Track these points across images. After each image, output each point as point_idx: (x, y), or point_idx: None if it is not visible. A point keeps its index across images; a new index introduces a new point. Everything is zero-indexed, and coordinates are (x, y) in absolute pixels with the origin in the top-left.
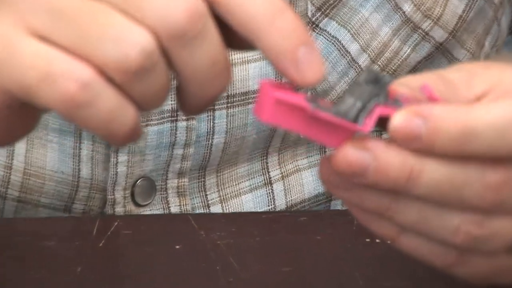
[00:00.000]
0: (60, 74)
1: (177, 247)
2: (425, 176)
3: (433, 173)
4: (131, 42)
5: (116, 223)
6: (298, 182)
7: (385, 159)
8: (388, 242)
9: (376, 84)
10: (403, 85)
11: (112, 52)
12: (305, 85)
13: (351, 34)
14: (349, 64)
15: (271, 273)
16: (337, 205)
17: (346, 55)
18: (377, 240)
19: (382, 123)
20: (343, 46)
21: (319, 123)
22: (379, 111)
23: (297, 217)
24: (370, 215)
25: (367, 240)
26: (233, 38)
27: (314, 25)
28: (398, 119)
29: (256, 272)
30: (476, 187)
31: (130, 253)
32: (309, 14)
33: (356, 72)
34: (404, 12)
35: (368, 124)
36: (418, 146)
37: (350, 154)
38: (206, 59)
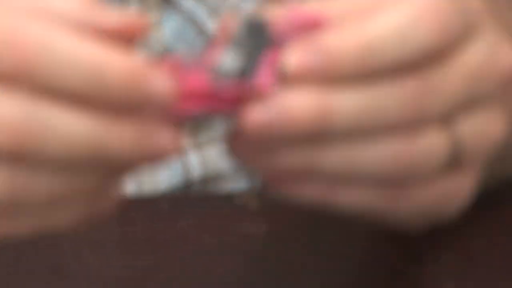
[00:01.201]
0: None
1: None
2: (340, 108)
3: (347, 101)
4: None
5: None
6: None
7: (293, 102)
8: (324, 207)
9: (259, 32)
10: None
11: None
12: None
13: (208, 10)
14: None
15: (131, 266)
16: None
17: (203, 33)
18: (250, 228)
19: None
20: (200, 24)
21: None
22: (274, 62)
23: (159, 203)
24: (297, 180)
25: (239, 227)
26: None
27: (167, 1)
28: (293, 57)
29: (113, 265)
30: (394, 103)
31: None
32: None
33: None
34: None
35: (265, 76)
36: (322, 80)
37: (255, 111)
38: None
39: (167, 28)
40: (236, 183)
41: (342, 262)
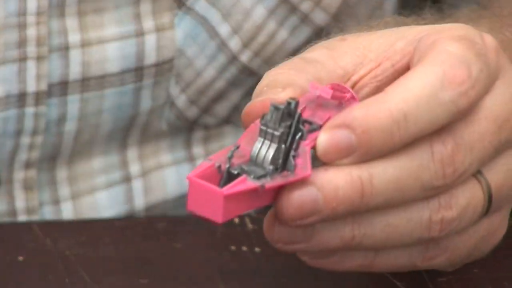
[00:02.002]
0: None
1: (20, 258)
2: (378, 181)
3: (384, 174)
4: None
5: None
6: (160, 180)
7: (330, 183)
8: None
9: (288, 117)
10: (275, 87)
11: None
12: None
13: (221, 14)
14: (219, 47)
15: (127, 286)
16: None
17: (215, 37)
18: (244, 248)
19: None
20: (213, 27)
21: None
22: (308, 147)
23: (154, 223)
24: (336, 255)
25: (233, 247)
26: None
27: (180, 3)
28: (323, 140)
29: (109, 285)
30: (431, 168)
31: None
32: None
33: (226, 56)
34: None
35: (305, 168)
36: (356, 157)
37: (294, 197)
38: None
39: (179, 31)
40: None
41: (339, 281)
